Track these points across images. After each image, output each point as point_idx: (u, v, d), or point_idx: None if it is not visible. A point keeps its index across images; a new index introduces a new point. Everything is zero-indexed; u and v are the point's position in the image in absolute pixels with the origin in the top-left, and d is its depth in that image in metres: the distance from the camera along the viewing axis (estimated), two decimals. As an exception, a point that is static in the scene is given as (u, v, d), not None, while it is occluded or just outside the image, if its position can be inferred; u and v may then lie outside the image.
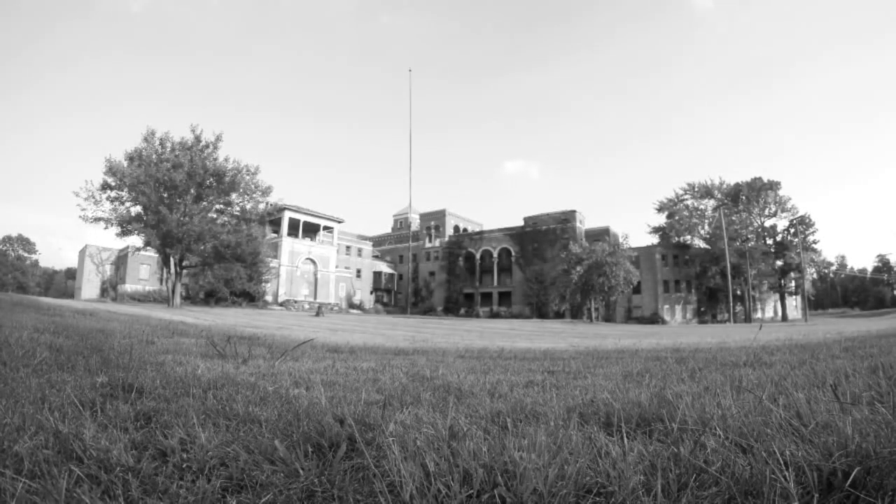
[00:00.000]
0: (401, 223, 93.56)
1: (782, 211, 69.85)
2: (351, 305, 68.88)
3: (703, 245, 68.13)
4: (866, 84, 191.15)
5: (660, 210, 72.65)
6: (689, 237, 70.33)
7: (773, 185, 69.06)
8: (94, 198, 34.97)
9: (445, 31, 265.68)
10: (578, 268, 53.68)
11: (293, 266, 62.33)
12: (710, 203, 70.90)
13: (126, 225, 35.48)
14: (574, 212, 69.57)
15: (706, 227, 69.58)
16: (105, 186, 35.16)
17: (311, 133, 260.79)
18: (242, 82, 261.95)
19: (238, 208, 39.75)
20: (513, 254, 72.94)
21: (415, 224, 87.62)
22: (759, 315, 65.70)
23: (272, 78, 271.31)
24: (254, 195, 39.37)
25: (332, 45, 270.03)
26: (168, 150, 36.35)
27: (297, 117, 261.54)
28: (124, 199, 35.67)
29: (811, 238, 68.76)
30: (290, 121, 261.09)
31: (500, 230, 75.85)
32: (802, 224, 68.04)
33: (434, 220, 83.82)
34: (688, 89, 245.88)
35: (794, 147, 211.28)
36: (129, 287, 52.68)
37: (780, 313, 69.65)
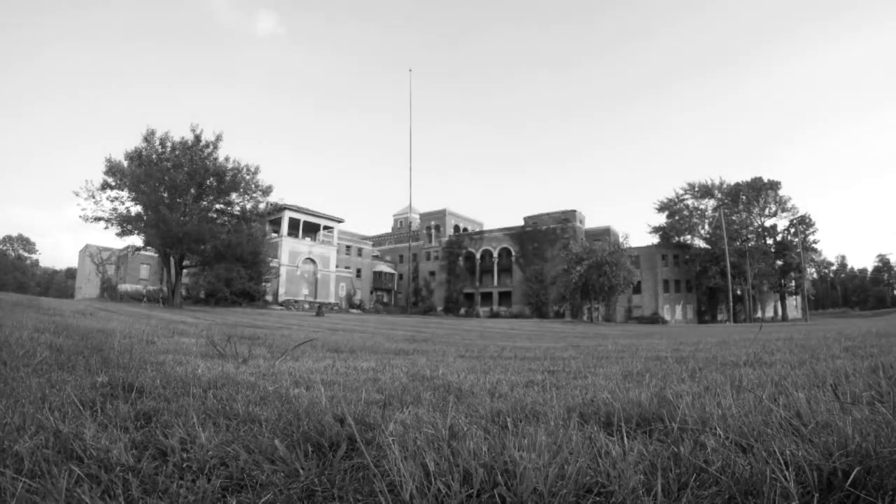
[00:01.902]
0: (401, 223, 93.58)
1: (782, 211, 69.88)
2: (351, 305, 68.89)
3: (703, 245, 68.08)
4: (867, 85, 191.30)
5: (660, 210, 72.62)
6: (689, 237, 70.30)
7: (774, 185, 69.06)
8: (94, 197, 34.99)
9: (447, 30, 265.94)
10: (578, 268, 53.64)
11: (293, 266, 62.34)
12: (711, 203, 70.86)
13: (126, 225, 35.47)
14: (574, 211, 69.55)
15: (706, 226, 69.53)
16: (105, 186, 35.16)
17: (312, 133, 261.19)
18: (242, 82, 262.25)
19: (238, 208, 39.72)
20: (513, 254, 72.93)
21: (415, 224, 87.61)
22: (759, 315, 65.72)
23: (272, 77, 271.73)
24: (254, 195, 39.33)
25: (332, 44, 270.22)
26: (168, 149, 36.32)
27: (297, 117, 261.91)
28: (124, 198, 35.70)
29: (811, 238, 68.83)
30: (291, 120, 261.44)
31: (500, 230, 75.85)
32: (803, 224, 68.06)
33: (434, 220, 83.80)
34: (689, 89, 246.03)
35: (794, 147, 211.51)
36: (129, 287, 52.70)
37: (780, 313, 69.66)
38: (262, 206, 40.80)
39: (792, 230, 68.29)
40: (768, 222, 70.77)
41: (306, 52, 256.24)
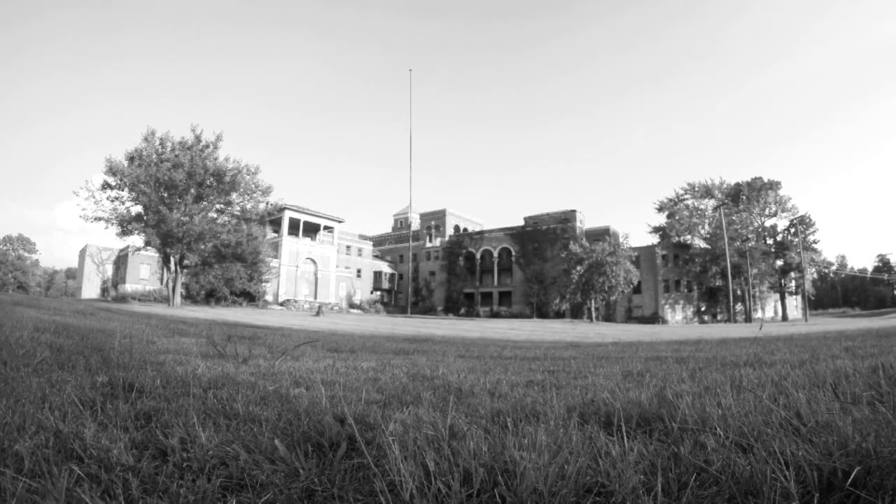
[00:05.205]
0: (401, 223, 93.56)
1: (782, 211, 69.82)
2: (351, 305, 68.86)
3: (703, 245, 68.03)
4: (866, 85, 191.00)
5: (660, 210, 72.59)
6: (689, 237, 70.21)
7: (773, 185, 69.00)
8: (94, 197, 34.99)
9: (448, 31, 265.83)
10: (579, 267, 53.64)
11: (293, 266, 62.32)
12: (711, 203, 70.81)
13: (126, 225, 35.46)
14: (574, 211, 69.52)
15: (706, 226, 69.48)
16: (105, 186, 35.16)
17: (312, 133, 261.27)
18: (243, 81, 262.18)
19: (238, 208, 39.71)
20: (513, 253, 72.90)
21: (415, 224, 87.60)
22: (759, 315, 65.64)
23: (272, 77, 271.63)
24: (254, 195, 39.30)
25: (333, 44, 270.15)
26: (168, 149, 36.30)
27: (298, 117, 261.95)
28: (124, 198, 35.68)
29: (811, 238, 68.72)
30: (291, 120, 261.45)
31: (500, 230, 75.82)
32: (802, 224, 68.00)
33: (434, 220, 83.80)
34: (688, 89, 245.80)
35: (794, 146, 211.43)
36: (129, 287, 52.68)
37: (780, 313, 69.59)
38: (262, 206, 40.79)
39: (792, 230, 68.22)
40: (768, 222, 70.79)
41: (306, 54, 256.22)
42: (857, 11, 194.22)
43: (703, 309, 65.77)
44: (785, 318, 67.01)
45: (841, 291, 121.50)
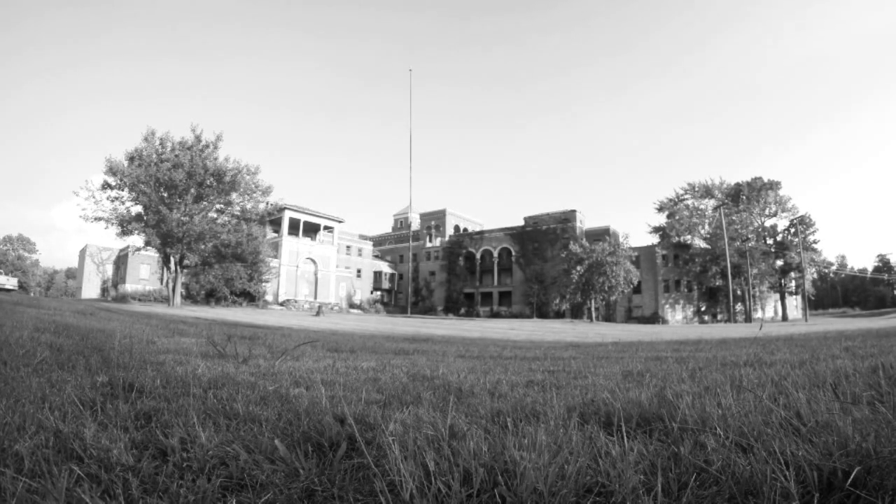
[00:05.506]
0: (401, 223, 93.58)
1: (782, 211, 69.80)
2: (351, 305, 68.87)
3: (703, 245, 68.03)
4: (866, 85, 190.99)
5: (660, 210, 72.59)
6: (689, 237, 70.21)
7: (774, 185, 68.99)
8: (94, 197, 34.98)
9: (448, 31, 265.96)
10: (579, 267, 53.67)
11: (293, 266, 62.32)
12: (711, 203, 70.82)
13: (126, 225, 35.47)
14: (574, 211, 69.53)
15: (706, 226, 69.47)
16: (105, 186, 35.16)
17: (313, 133, 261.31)
18: (243, 81, 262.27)
19: (238, 208, 39.71)
20: (513, 253, 72.91)
21: (415, 224, 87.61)
22: (759, 315, 65.63)
23: (272, 77, 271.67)
24: (254, 195, 39.30)
25: (333, 43, 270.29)
26: (168, 149, 36.30)
27: (298, 117, 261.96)
28: (124, 198, 35.67)
29: (811, 238, 68.70)
30: (291, 120, 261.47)
31: (500, 230, 75.83)
32: (802, 224, 67.97)
33: (434, 220, 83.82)
34: (688, 88, 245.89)
35: (794, 146, 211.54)
36: (129, 287, 52.67)
37: (780, 313, 69.58)
38: (262, 206, 40.79)
39: (792, 230, 68.21)
40: (768, 222, 70.76)
41: (306, 54, 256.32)
42: (857, 11, 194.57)
43: (703, 309, 65.77)
44: (785, 318, 66.99)
45: (841, 291, 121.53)
